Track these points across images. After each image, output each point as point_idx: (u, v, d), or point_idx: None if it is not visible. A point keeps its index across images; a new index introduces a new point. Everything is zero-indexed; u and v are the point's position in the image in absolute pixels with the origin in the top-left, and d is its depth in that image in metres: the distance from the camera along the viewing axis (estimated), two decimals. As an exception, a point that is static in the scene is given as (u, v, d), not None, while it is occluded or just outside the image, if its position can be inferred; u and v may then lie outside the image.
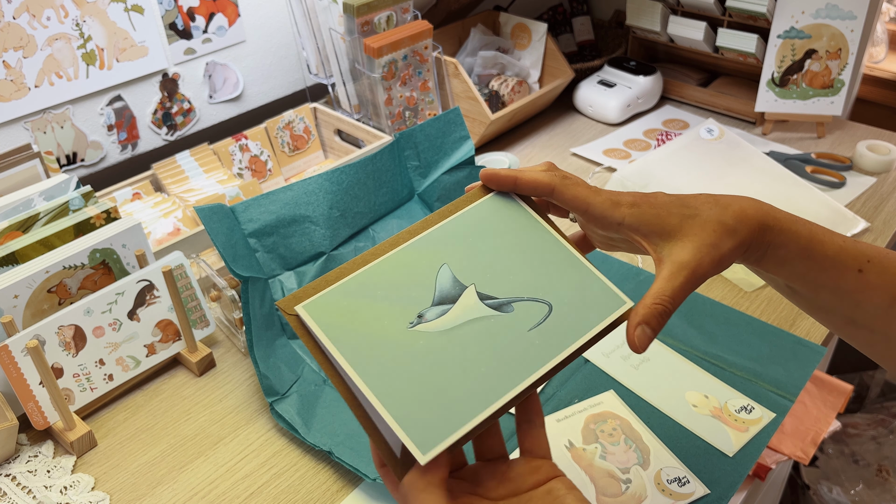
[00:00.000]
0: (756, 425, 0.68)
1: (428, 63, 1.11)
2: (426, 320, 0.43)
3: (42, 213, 0.77)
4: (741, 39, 1.20)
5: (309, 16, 1.08)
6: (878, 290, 0.46)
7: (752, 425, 0.68)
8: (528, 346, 0.43)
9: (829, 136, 1.21)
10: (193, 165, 1.01)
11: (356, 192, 0.87)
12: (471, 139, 0.96)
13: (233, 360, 0.82)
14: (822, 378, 0.81)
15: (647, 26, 1.31)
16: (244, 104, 1.17)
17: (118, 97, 1.02)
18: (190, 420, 0.75)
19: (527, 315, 0.44)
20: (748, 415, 0.69)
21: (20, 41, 0.90)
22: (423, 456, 0.37)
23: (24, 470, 0.70)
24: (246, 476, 0.68)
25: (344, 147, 1.13)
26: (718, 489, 0.63)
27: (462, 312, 0.44)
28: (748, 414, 0.69)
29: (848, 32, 1.12)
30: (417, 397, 0.40)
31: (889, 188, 1.06)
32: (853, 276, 0.46)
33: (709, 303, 0.83)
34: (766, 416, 0.69)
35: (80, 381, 0.73)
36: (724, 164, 1.08)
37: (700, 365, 0.75)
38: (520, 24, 1.31)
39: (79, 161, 1.01)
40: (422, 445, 0.38)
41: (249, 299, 0.75)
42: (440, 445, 0.38)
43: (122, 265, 0.78)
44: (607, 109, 1.26)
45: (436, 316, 0.44)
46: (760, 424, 0.68)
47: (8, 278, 0.71)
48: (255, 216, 0.80)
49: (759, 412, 0.70)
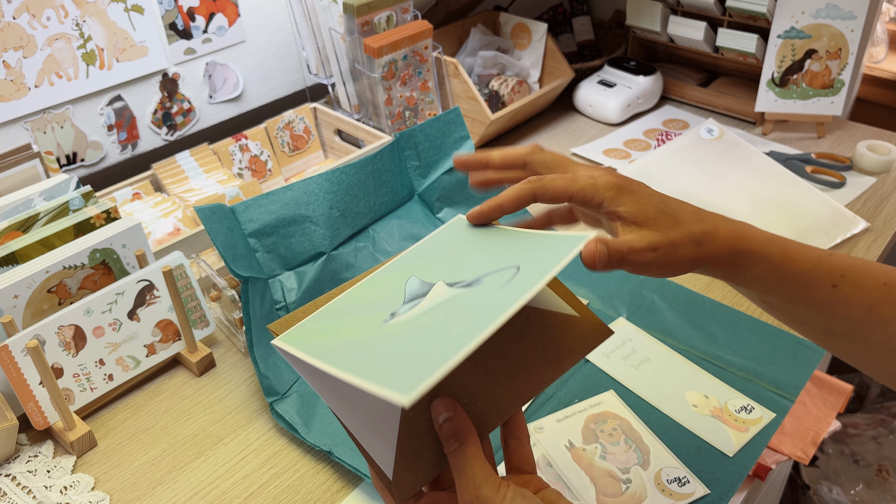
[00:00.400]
0: (756, 425, 0.68)
1: (428, 63, 1.11)
2: (399, 314, 0.43)
3: (42, 213, 0.77)
4: (741, 39, 1.20)
5: (309, 16, 1.08)
6: (852, 303, 0.47)
7: (752, 425, 0.68)
8: (501, 296, 0.41)
9: (829, 136, 1.21)
10: (193, 165, 1.01)
11: (356, 192, 0.87)
12: (471, 139, 0.96)
13: (233, 360, 0.82)
14: (822, 378, 0.81)
15: (647, 26, 1.31)
16: (244, 104, 1.17)
17: (118, 97, 1.02)
18: (190, 420, 0.75)
19: (497, 281, 0.43)
20: (748, 415, 0.69)
21: (20, 41, 0.90)
22: (405, 397, 0.34)
23: (24, 470, 0.70)
24: (246, 476, 0.68)
25: (344, 147, 1.13)
26: (718, 489, 0.63)
27: (433, 299, 0.44)
28: (748, 414, 0.69)
29: (848, 32, 1.12)
30: (392, 363, 0.39)
31: (889, 188, 1.06)
32: (827, 290, 0.47)
33: (709, 303, 0.84)
34: (767, 416, 0.69)
35: (80, 381, 0.73)
36: (724, 164, 1.08)
37: (700, 365, 0.75)
38: (520, 24, 1.31)
39: (79, 161, 1.01)
40: (401, 390, 0.35)
41: (249, 299, 0.75)
42: (421, 386, 0.35)
43: (122, 265, 0.78)
44: (607, 109, 1.26)
45: (408, 310, 0.43)
46: (761, 424, 0.68)
47: (8, 278, 0.71)
48: (255, 216, 0.80)
49: (759, 412, 0.70)
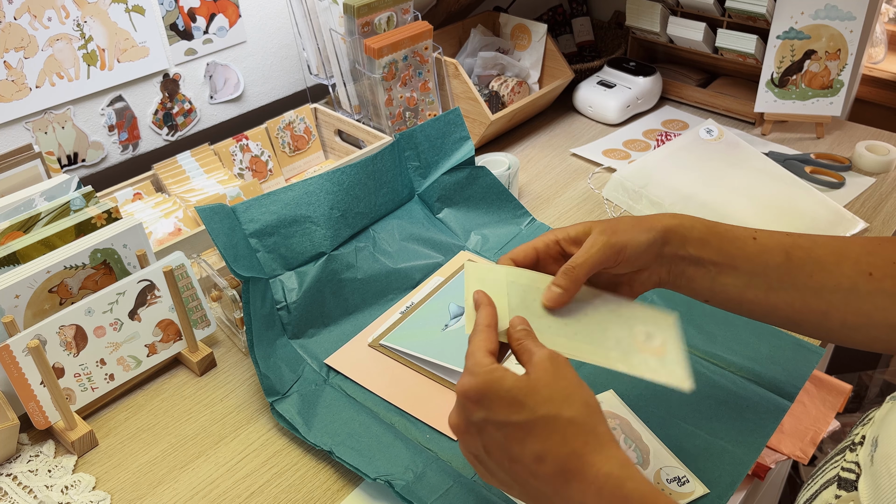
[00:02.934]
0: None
1: (428, 64, 1.11)
2: (450, 326, 0.81)
3: (43, 213, 0.78)
4: (740, 40, 1.20)
5: (309, 16, 1.08)
6: (773, 250, 0.59)
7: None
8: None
9: (828, 136, 1.21)
10: (194, 166, 1.01)
11: (357, 193, 0.88)
12: (471, 140, 0.96)
13: (233, 360, 0.82)
14: (821, 378, 0.81)
15: (646, 27, 1.31)
16: (245, 105, 1.17)
17: (119, 97, 1.03)
18: (191, 420, 0.75)
19: None
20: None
21: (21, 42, 0.90)
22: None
23: (25, 469, 0.70)
24: (247, 475, 0.68)
25: (344, 147, 1.13)
26: (718, 489, 0.63)
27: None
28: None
29: (847, 33, 1.12)
30: (453, 351, 0.77)
31: (888, 188, 1.06)
32: (751, 242, 0.59)
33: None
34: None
35: (81, 380, 0.74)
36: (723, 165, 1.08)
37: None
38: (520, 24, 1.31)
39: (80, 161, 1.02)
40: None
41: (250, 299, 0.75)
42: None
43: (124, 265, 0.78)
44: (607, 110, 1.27)
45: (455, 322, 0.81)
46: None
47: (9, 278, 0.71)
48: (255, 216, 0.80)
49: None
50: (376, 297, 0.86)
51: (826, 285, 0.58)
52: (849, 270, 0.58)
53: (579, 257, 0.56)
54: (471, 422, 0.48)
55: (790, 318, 0.60)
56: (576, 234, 0.59)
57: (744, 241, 0.59)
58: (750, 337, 0.79)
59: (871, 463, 0.45)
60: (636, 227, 0.58)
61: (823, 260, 0.58)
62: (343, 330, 0.83)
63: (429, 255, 0.91)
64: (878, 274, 0.57)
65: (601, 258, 0.56)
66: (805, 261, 0.59)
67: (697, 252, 0.59)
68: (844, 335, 0.60)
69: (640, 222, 0.59)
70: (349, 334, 0.82)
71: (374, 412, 0.73)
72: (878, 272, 0.57)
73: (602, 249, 0.56)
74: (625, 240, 0.57)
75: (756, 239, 0.60)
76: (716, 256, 0.59)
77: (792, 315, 0.60)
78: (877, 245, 0.59)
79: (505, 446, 0.47)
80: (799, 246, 0.59)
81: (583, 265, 0.56)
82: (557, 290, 0.55)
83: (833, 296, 0.58)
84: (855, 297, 0.58)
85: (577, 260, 0.56)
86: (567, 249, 0.59)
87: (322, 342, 0.81)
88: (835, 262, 0.58)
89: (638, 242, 0.57)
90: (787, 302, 0.59)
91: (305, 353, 0.79)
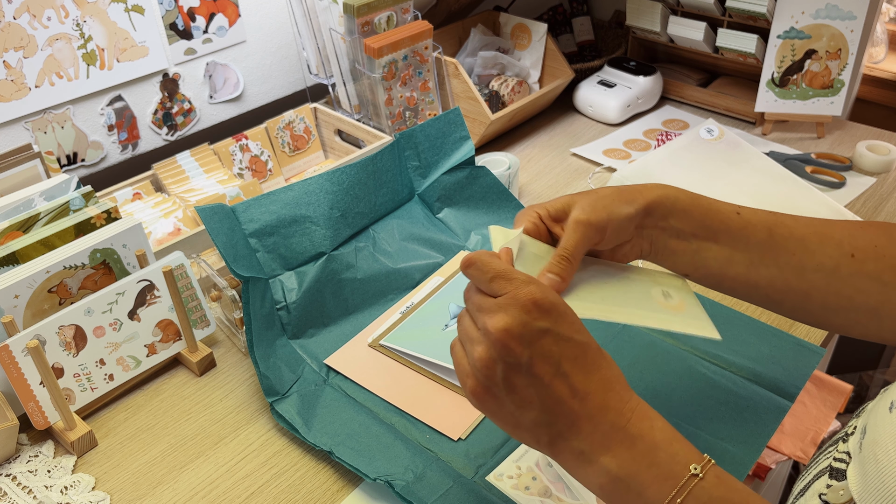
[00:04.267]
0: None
1: (428, 63, 1.11)
2: (450, 326, 0.81)
3: (42, 213, 0.77)
4: (741, 40, 1.20)
5: (309, 16, 1.08)
6: (756, 226, 0.59)
7: None
8: None
9: (828, 136, 1.21)
10: (194, 165, 1.01)
11: (357, 193, 0.87)
12: (471, 139, 0.96)
13: (233, 360, 0.82)
14: (821, 378, 0.81)
15: (647, 26, 1.31)
16: (244, 104, 1.17)
17: (118, 97, 1.02)
18: (190, 420, 0.75)
19: None
20: None
21: (21, 41, 0.90)
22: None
23: (24, 470, 0.70)
24: (246, 476, 0.68)
25: (344, 147, 1.13)
26: (718, 489, 0.63)
27: None
28: None
29: (848, 33, 1.12)
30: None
31: (889, 188, 1.06)
32: (735, 217, 0.59)
33: (709, 303, 0.83)
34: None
35: (81, 380, 0.73)
36: (723, 165, 1.08)
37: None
38: (520, 24, 1.31)
39: (79, 161, 1.01)
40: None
41: (250, 299, 0.75)
42: None
43: (123, 265, 0.78)
44: (607, 109, 1.26)
45: (454, 323, 0.80)
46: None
47: (8, 278, 0.71)
48: (255, 216, 0.80)
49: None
50: (376, 297, 0.86)
51: (808, 265, 0.58)
52: (832, 251, 0.58)
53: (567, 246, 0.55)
54: (531, 328, 0.47)
55: (771, 297, 0.60)
56: (555, 211, 0.58)
57: (727, 215, 0.59)
58: (751, 337, 0.79)
59: (859, 450, 0.45)
60: (618, 199, 0.57)
61: (807, 239, 0.58)
62: (343, 330, 0.83)
63: (429, 255, 0.91)
64: (861, 256, 0.57)
65: (585, 241, 0.56)
66: (788, 238, 0.59)
67: (679, 224, 0.59)
68: (824, 317, 0.60)
69: (621, 194, 0.58)
70: (349, 334, 0.82)
71: (374, 412, 0.72)
72: (861, 254, 0.57)
73: (585, 232, 0.55)
74: (605, 216, 0.56)
75: (740, 214, 0.60)
76: (698, 229, 0.59)
77: (773, 294, 0.60)
78: (860, 228, 0.59)
79: (558, 361, 0.47)
80: (782, 224, 0.59)
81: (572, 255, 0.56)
82: (555, 279, 0.55)
83: (815, 276, 0.58)
84: (836, 278, 0.57)
85: (565, 249, 0.55)
86: (552, 228, 0.58)
87: (322, 342, 0.81)
88: (818, 242, 0.58)
89: (620, 217, 0.56)
90: (768, 280, 0.59)
91: (305, 353, 0.79)
